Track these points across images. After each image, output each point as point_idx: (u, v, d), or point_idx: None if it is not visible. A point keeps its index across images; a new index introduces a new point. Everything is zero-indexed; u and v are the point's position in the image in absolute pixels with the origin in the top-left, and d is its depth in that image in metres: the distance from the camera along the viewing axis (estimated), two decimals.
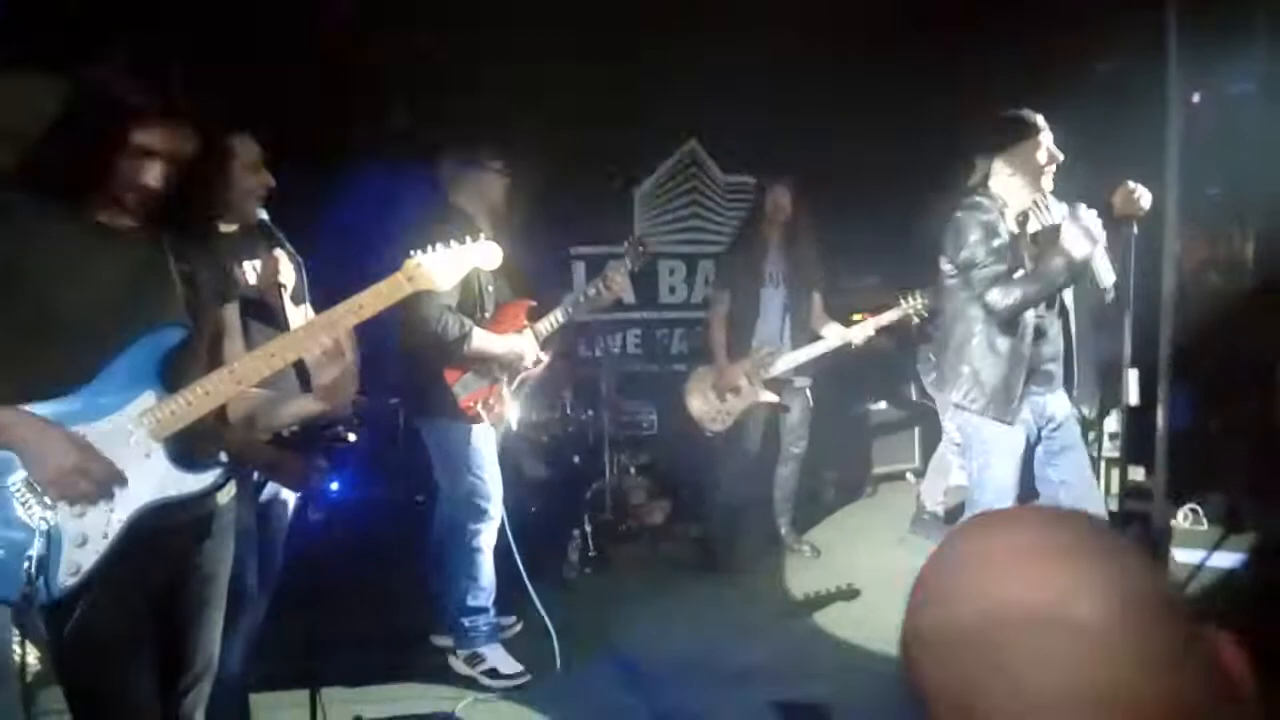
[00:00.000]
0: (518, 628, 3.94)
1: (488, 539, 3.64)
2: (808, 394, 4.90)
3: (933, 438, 5.42)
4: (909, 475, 6.12)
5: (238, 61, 3.47)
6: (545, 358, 3.78)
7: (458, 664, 3.67)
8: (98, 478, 1.77)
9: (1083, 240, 2.98)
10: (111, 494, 1.79)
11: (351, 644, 3.63)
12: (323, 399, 1.97)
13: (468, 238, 2.22)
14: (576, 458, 5.45)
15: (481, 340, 3.53)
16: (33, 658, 2.04)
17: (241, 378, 1.90)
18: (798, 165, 4.83)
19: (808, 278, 4.78)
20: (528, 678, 3.57)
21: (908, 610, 0.78)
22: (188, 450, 1.87)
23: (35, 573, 1.72)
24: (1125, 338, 3.31)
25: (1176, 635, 0.70)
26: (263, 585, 2.98)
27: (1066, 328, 3.32)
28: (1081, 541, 0.74)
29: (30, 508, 1.76)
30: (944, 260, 3.31)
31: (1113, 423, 4.33)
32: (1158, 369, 3.54)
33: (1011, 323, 3.19)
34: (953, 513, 5.35)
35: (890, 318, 4.56)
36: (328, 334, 1.90)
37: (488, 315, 3.62)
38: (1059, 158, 3.21)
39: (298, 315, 2.84)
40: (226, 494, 2.05)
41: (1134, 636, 0.68)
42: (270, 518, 2.99)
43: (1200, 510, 4.92)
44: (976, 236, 3.17)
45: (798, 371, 4.77)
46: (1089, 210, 3.02)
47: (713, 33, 5.31)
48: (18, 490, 1.76)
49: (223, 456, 2.00)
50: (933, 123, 5.18)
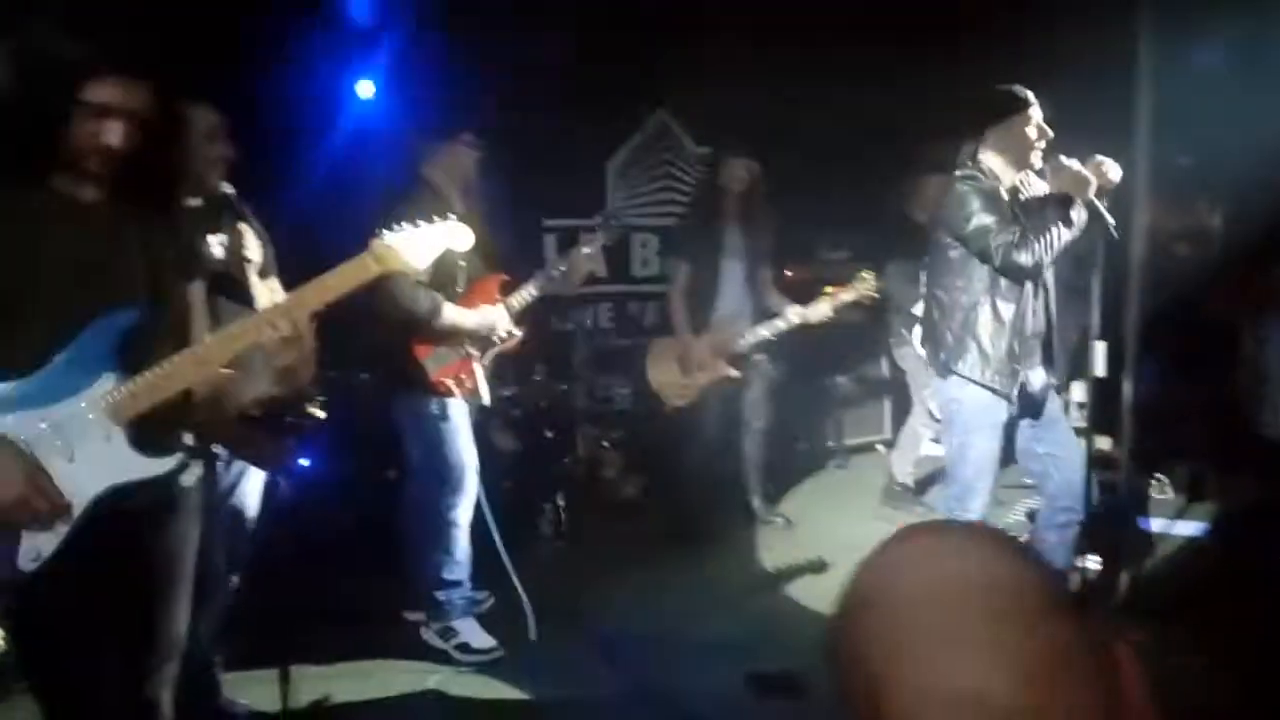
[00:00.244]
0: (490, 602, 3.94)
1: (462, 513, 3.62)
2: (768, 367, 4.91)
3: (903, 410, 5.45)
4: (879, 447, 6.16)
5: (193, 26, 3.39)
6: (518, 332, 3.75)
7: (431, 638, 3.67)
8: (45, 505, 1.73)
9: (1081, 180, 3.02)
10: (70, 477, 1.75)
11: (322, 620, 3.62)
12: (278, 381, 1.94)
13: (436, 217, 2.18)
14: (549, 432, 5.43)
15: (453, 315, 3.50)
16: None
17: (205, 359, 1.86)
18: (769, 138, 4.81)
19: (765, 251, 4.79)
20: (501, 652, 3.57)
21: (834, 610, 0.82)
22: (150, 433, 1.84)
23: None
24: (1094, 309, 3.34)
25: (1080, 649, 0.73)
26: (231, 565, 2.97)
27: (1047, 303, 3.34)
28: (994, 561, 0.77)
29: None
30: (944, 233, 3.29)
31: (1078, 392, 4.38)
32: (1124, 340, 3.58)
33: (1014, 292, 3.21)
34: (923, 483, 5.41)
35: (846, 299, 4.60)
36: (290, 316, 1.87)
37: (460, 290, 3.59)
38: (1049, 134, 3.20)
39: (264, 290, 2.80)
40: (191, 475, 2.02)
41: (1041, 656, 0.71)
42: (238, 497, 2.97)
43: (1166, 479, 5.00)
44: (981, 204, 3.16)
45: (757, 347, 4.79)
46: (1070, 159, 3.07)
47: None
48: None
49: (186, 438, 1.97)
50: (905, 97, 5.18)
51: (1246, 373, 4.35)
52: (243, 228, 2.75)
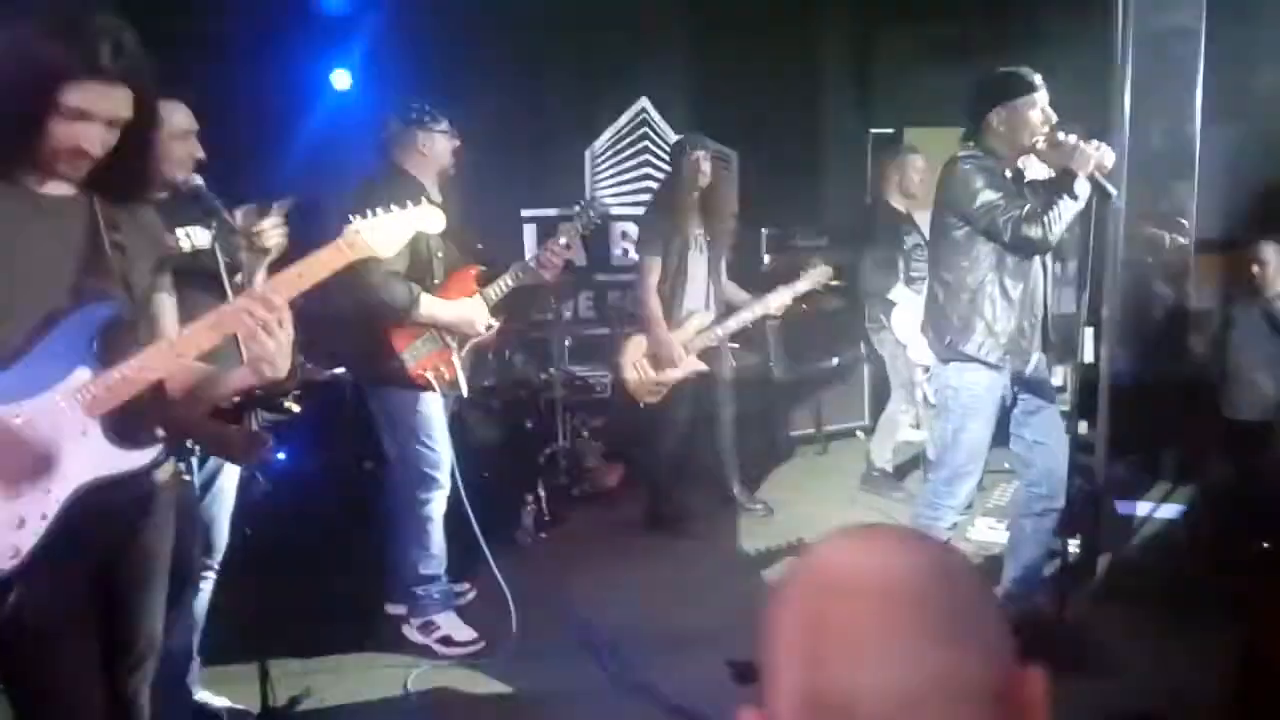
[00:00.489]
0: (471, 594, 3.93)
1: (438, 507, 3.61)
2: (730, 357, 4.92)
3: (882, 395, 5.47)
4: (859, 433, 6.18)
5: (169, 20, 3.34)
6: (496, 323, 3.73)
7: (411, 632, 3.65)
8: (26, 462, 1.71)
9: (1083, 154, 3.02)
10: (47, 473, 1.73)
11: (302, 615, 3.60)
12: (257, 372, 1.90)
13: (409, 202, 2.17)
14: (529, 422, 5.42)
15: (430, 306, 3.48)
16: None
17: (180, 351, 1.83)
18: (747, 126, 4.80)
19: (726, 242, 4.83)
20: (482, 644, 3.56)
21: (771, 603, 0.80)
22: (125, 427, 1.81)
23: None
24: (1084, 294, 3.32)
25: (979, 685, 0.71)
26: (209, 560, 2.94)
27: (1045, 287, 3.35)
28: (917, 572, 0.76)
29: None
30: (948, 214, 3.27)
31: (1058, 377, 4.40)
32: (1100, 324, 3.60)
33: (1022, 269, 3.21)
34: (902, 469, 5.43)
35: (802, 288, 4.70)
36: (265, 304, 1.84)
37: (437, 281, 3.56)
38: (1053, 119, 3.19)
39: (259, 282, 2.77)
40: (167, 470, 2.00)
41: (928, 680, 0.70)
42: (215, 491, 2.94)
43: (1142, 463, 5.03)
44: (986, 181, 3.16)
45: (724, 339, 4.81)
46: (1069, 134, 3.07)
47: None
48: None
49: (161, 432, 1.94)
50: (878, 86, 5.19)
51: (1212, 352, 4.38)
52: (268, 223, 2.72)
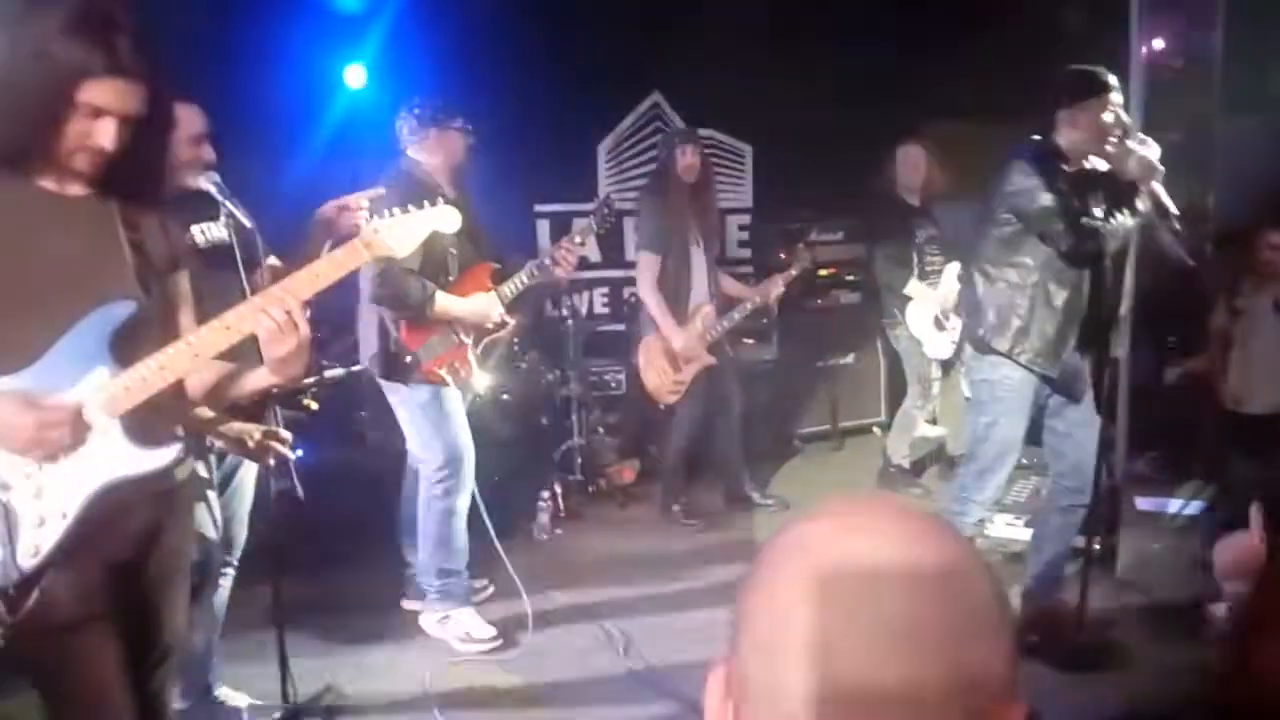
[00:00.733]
0: (489, 591, 3.94)
1: (459, 502, 3.61)
2: (728, 350, 4.93)
3: (899, 391, 5.45)
4: (875, 429, 6.16)
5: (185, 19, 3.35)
6: (511, 320, 3.74)
7: (430, 627, 3.67)
8: (65, 423, 1.72)
9: (1148, 167, 2.96)
10: (78, 452, 1.74)
11: (322, 610, 3.62)
12: (276, 371, 1.91)
13: (425, 202, 2.17)
14: (545, 419, 5.43)
15: (446, 303, 3.48)
16: None
17: (199, 350, 1.84)
18: (763, 120, 4.78)
19: (717, 234, 4.93)
20: (500, 640, 3.58)
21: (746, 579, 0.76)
22: (145, 426, 1.82)
23: None
24: (1125, 293, 3.27)
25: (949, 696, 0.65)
26: (228, 557, 2.96)
27: (1098, 287, 3.26)
28: (937, 549, 0.71)
29: None
30: (1003, 209, 3.20)
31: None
32: (1118, 320, 3.57)
33: (1069, 276, 3.17)
34: (918, 465, 5.41)
35: (793, 273, 4.91)
36: (283, 304, 1.85)
37: (452, 278, 3.56)
38: (1126, 123, 3.09)
39: (253, 280, 2.77)
40: (186, 469, 2.01)
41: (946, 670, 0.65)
42: (234, 488, 2.96)
43: (1160, 459, 5.00)
44: (1047, 184, 3.08)
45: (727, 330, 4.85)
46: (1139, 143, 3.01)
47: None
48: None
49: (180, 431, 1.95)
50: (903, 81, 5.17)
51: (1217, 342, 4.33)
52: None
